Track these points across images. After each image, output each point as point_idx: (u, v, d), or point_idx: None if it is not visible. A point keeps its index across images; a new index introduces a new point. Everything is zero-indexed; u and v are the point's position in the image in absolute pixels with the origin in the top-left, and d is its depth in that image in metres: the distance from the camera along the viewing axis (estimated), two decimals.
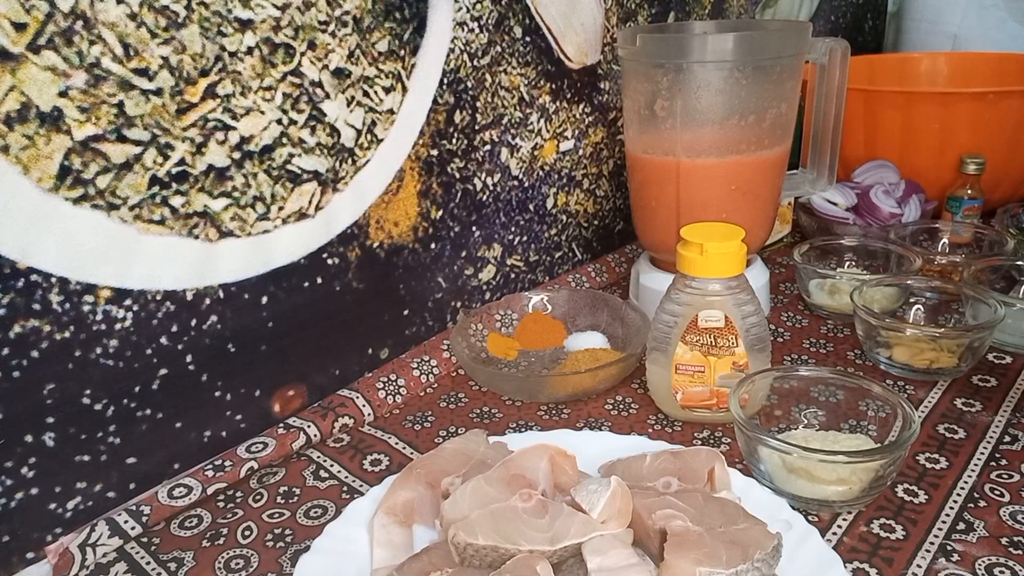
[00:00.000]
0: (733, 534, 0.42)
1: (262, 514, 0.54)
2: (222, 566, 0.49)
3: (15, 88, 0.45)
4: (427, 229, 0.73)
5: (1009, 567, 0.46)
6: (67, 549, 0.50)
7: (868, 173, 0.98)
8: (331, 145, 0.63)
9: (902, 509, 0.51)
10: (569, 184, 0.88)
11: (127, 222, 0.52)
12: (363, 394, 0.66)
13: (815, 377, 0.58)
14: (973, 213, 0.93)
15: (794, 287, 0.85)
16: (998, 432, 0.59)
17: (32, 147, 0.47)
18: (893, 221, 0.92)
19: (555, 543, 0.41)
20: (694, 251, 0.58)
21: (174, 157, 0.53)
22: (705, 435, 0.61)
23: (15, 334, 0.48)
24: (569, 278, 0.87)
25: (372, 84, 0.64)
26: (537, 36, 0.79)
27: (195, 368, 0.58)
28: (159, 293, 0.55)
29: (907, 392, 0.65)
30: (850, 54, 0.75)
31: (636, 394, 0.67)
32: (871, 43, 1.57)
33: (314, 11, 0.59)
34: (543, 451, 0.47)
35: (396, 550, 0.46)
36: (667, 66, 0.68)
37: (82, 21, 0.47)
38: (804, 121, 0.84)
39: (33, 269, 0.48)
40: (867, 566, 0.47)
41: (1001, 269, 0.77)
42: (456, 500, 0.44)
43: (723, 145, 0.70)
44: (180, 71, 0.52)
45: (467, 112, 0.74)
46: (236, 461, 0.57)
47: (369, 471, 0.58)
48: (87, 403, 0.52)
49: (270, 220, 0.60)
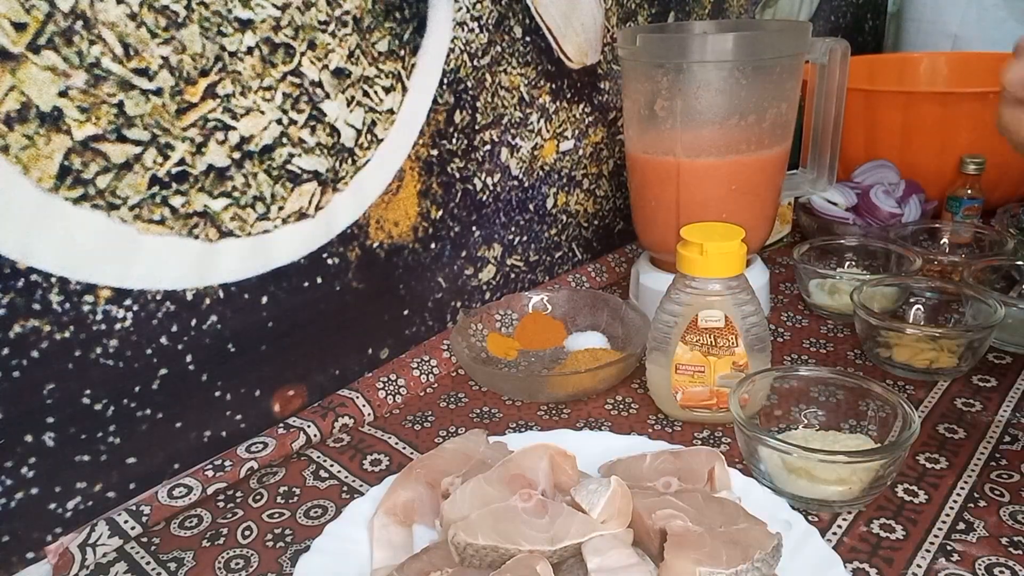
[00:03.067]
0: (733, 534, 0.42)
1: (262, 514, 0.54)
2: (222, 566, 0.49)
3: (15, 88, 0.45)
4: (427, 229, 0.73)
5: (1009, 567, 0.46)
6: (67, 549, 0.50)
7: (868, 173, 0.98)
8: (331, 145, 0.63)
9: (902, 509, 0.51)
10: (569, 184, 0.88)
11: (127, 222, 0.52)
12: (363, 394, 0.66)
13: (815, 377, 0.58)
14: (973, 213, 0.93)
15: (794, 287, 0.85)
16: (998, 432, 0.59)
17: (32, 147, 0.47)
18: (893, 221, 0.92)
19: (555, 543, 0.41)
20: (694, 251, 0.58)
21: (174, 157, 0.53)
22: (705, 435, 0.61)
23: (15, 334, 0.48)
24: (569, 278, 0.87)
25: (372, 84, 0.64)
26: (537, 36, 0.79)
27: (195, 368, 0.58)
28: (159, 293, 0.55)
29: (907, 392, 0.65)
30: (850, 54, 0.75)
31: (636, 394, 0.67)
32: (871, 43, 1.57)
33: (314, 11, 0.59)
34: (543, 451, 0.47)
35: (396, 550, 0.46)
36: (667, 66, 0.68)
37: (82, 21, 0.47)
38: (804, 121, 0.84)
39: (33, 269, 0.48)
40: (867, 566, 0.47)
41: (1001, 269, 0.77)
42: (456, 500, 0.44)
43: (723, 145, 0.70)
44: (180, 71, 0.52)
45: (467, 112, 0.74)
46: (236, 461, 0.57)
47: (369, 471, 0.58)
48: (87, 403, 0.52)
49: (270, 220, 0.60)
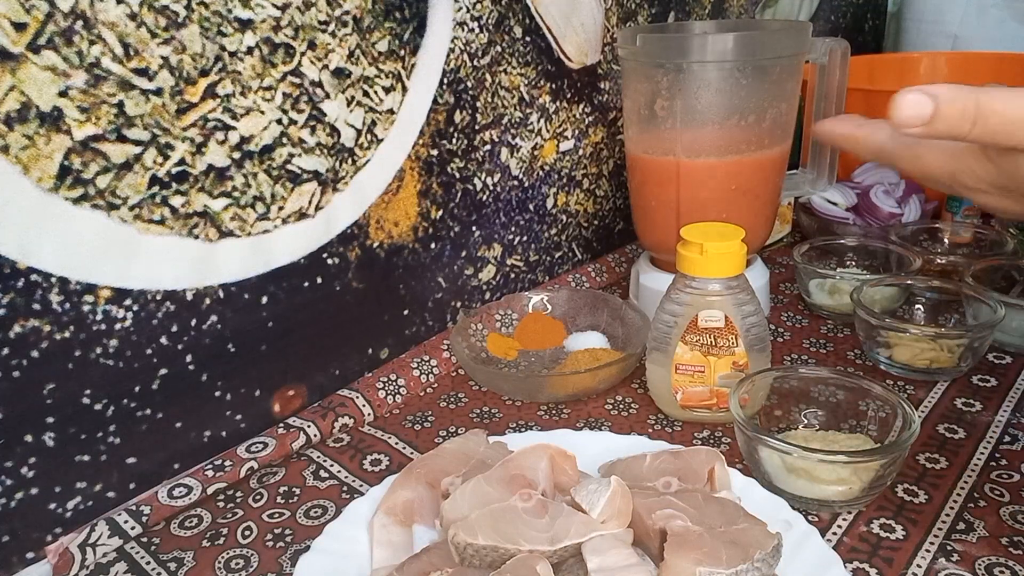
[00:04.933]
0: (733, 534, 0.42)
1: (262, 514, 0.54)
2: (222, 566, 0.49)
3: (15, 88, 0.45)
4: (427, 229, 0.73)
5: (1009, 567, 0.46)
6: (67, 549, 0.50)
7: (868, 173, 0.98)
8: (331, 145, 0.63)
9: (902, 509, 0.51)
10: (569, 184, 0.88)
11: (127, 222, 0.52)
12: (363, 394, 0.66)
13: (815, 377, 0.58)
14: (973, 213, 0.93)
15: (794, 287, 0.85)
16: (998, 432, 0.59)
17: (32, 147, 0.47)
18: (893, 221, 0.92)
19: (555, 543, 0.41)
20: (694, 251, 0.58)
21: (174, 157, 0.53)
22: (705, 435, 0.61)
23: (15, 334, 0.48)
24: (569, 278, 0.87)
25: (372, 84, 0.64)
26: (537, 36, 0.79)
27: (195, 368, 0.58)
28: (159, 293, 0.55)
29: (907, 392, 0.65)
30: (850, 54, 0.75)
31: (636, 394, 0.67)
32: (871, 43, 1.57)
33: (314, 11, 0.59)
34: (543, 451, 0.47)
35: (396, 550, 0.46)
36: (667, 66, 0.68)
37: (82, 21, 0.47)
38: (804, 121, 0.84)
39: (33, 269, 0.48)
40: (867, 566, 0.47)
41: (1001, 269, 0.77)
42: (456, 500, 0.44)
43: (723, 145, 0.70)
44: (180, 71, 0.52)
45: (467, 112, 0.74)
46: (236, 461, 0.57)
47: (369, 471, 0.58)
48: (87, 403, 0.52)
49: (270, 220, 0.60)
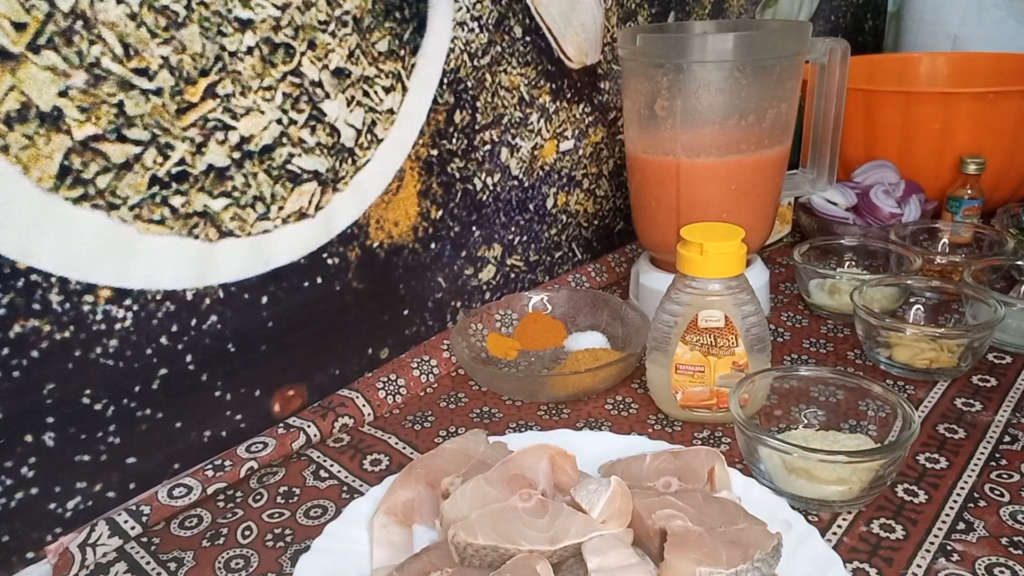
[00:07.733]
0: (733, 534, 0.42)
1: (262, 514, 0.54)
2: (222, 566, 0.49)
3: (15, 88, 0.45)
4: (427, 229, 0.73)
5: (1009, 567, 0.46)
6: (67, 549, 0.50)
7: (868, 173, 0.98)
8: (331, 145, 0.63)
9: (902, 509, 0.51)
10: (569, 184, 0.88)
11: (127, 222, 0.52)
12: (363, 394, 0.66)
13: (815, 377, 0.58)
14: (973, 213, 0.93)
15: (794, 287, 0.85)
16: (998, 432, 0.59)
17: (32, 147, 0.47)
18: (893, 221, 0.92)
19: (555, 543, 0.41)
20: (694, 251, 0.58)
21: (174, 157, 0.53)
22: (705, 435, 0.61)
23: (15, 334, 0.48)
24: (569, 278, 0.87)
25: (372, 84, 0.64)
26: (537, 36, 0.79)
27: (195, 368, 0.58)
28: (159, 293, 0.55)
29: (907, 392, 0.65)
30: (850, 54, 0.75)
31: (636, 394, 0.67)
32: (871, 43, 1.57)
33: (314, 11, 0.59)
34: (543, 451, 0.47)
35: (396, 550, 0.46)
36: (667, 66, 0.68)
37: (82, 21, 0.47)
38: (804, 121, 0.84)
39: (33, 269, 0.48)
40: (867, 566, 0.47)
41: (1001, 269, 0.77)
42: (456, 500, 0.44)
43: (723, 145, 0.70)
44: (180, 71, 0.52)
45: (467, 112, 0.74)
46: (236, 461, 0.57)
47: (369, 471, 0.58)
48: (87, 403, 0.52)
49: (270, 220, 0.60)
